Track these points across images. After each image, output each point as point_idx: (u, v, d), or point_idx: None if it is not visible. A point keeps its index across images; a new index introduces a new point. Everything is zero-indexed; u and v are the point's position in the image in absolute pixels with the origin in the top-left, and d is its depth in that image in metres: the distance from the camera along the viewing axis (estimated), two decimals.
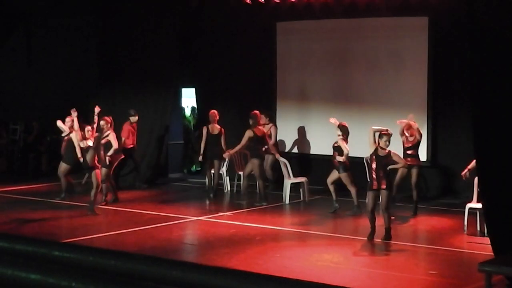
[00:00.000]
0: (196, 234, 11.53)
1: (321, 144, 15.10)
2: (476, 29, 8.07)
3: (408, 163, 11.99)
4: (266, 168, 13.99)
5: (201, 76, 16.65)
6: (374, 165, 10.45)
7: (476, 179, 10.66)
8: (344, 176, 12.25)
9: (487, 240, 8.58)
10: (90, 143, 12.46)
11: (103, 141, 12.63)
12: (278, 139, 15.42)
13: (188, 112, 18.43)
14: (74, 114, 13.19)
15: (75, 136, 12.96)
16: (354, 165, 12.54)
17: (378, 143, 10.52)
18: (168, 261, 6.85)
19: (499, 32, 7.86)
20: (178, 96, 17.42)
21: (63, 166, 13.25)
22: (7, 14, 17.56)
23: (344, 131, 12.30)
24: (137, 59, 16.35)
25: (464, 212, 11.04)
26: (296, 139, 15.55)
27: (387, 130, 10.66)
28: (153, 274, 6.36)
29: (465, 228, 10.91)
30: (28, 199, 13.46)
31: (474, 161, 9.45)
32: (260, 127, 13.42)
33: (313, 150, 15.31)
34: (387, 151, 10.50)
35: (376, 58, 14.56)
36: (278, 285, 6.15)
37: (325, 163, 14.67)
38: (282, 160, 13.88)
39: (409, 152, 12.39)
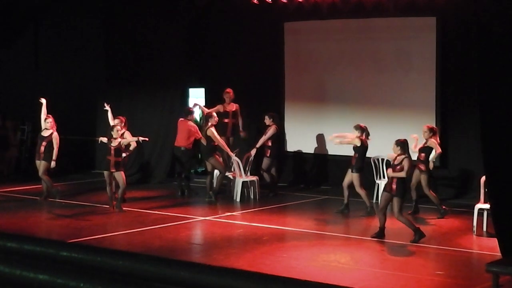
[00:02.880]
0: (203, 234, 11.53)
1: (327, 144, 15.10)
2: (484, 30, 8.05)
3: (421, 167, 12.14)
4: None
5: (208, 77, 16.66)
6: (388, 170, 10.69)
7: (483, 180, 10.69)
8: (355, 177, 12.24)
9: (494, 240, 8.56)
10: (115, 143, 12.51)
11: (121, 141, 12.67)
12: (286, 138, 15.47)
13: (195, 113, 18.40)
14: (108, 108, 13.50)
15: (57, 137, 13.09)
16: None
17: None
18: (176, 261, 6.87)
19: (507, 32, 7.85)
20: (186, 96, 17.43)
21: (45, 165, 13.15)
22: (15, 15, 17.61)
23: (362, 130, 12.38)
24: (144, 60, 16.39)
25: (472, 213, 11.03)
26: (304, 139, 15.52)
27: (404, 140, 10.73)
28: (161, 274, 6.38)
29: (474, 229, 10.88)
30: (36, 199, 13.48)
31: None
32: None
33: (320, 150, 15.28)
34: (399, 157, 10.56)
35: (384, 58, 14.53)
36: (286, 285, 6.16)
37: (333, 163, 14.71)
38: (235, 159, 13.84)
39: (420, 156, 12.31)
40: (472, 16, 12.29)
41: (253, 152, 14.13)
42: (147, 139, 13.16)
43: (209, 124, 13.59)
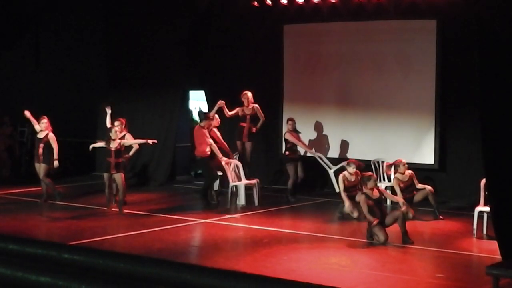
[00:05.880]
0: (203, 237, 11.54)
1: (326, 146, 15.13)
2: (485, 33, 8.07)
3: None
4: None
5: (208, 79, 16.68)
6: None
7: (483, 182, 10.71)
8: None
9: (494, 243, 8.57)
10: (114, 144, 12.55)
11: (121, 142, 12.73)
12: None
13: (195, 115, 18.46)
14: (109, 111, 13.45)
15: (53, 137, 13.07)
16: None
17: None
18: (177, 263, 6.88)
19: (508, 35, 7.86)
20: (186, 98, 17.45)
21: (45, 168, 13.10)
22: (16, 17, 17.63)
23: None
24: (145, 61, 16.41)
25: (472, 215, 11.04)
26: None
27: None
28: (162, 276, 6.39)
29: (475, 231, 10.90)
30: (36, 201, 13.49)
31: None
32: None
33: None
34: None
35: (384, 61, 14.55)
36: (286, 287, 6.16)
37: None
38: (236, 162, 13.73)
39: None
40: (473, 19, 12.33)
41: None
42: (155, 140, 13.15)
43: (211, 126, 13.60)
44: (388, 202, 12.67)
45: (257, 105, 14.39)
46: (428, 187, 12.30)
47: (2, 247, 6.78)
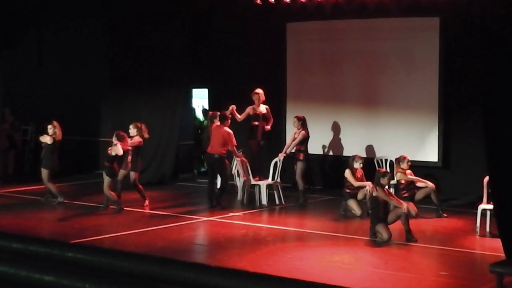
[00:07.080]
0: (206, 235, 11.55)
1: (330, 144, 15.12)
2: (487, 30, 8.06)
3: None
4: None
5: (211, 77, 16.68)
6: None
7: (486, 180, 10.69)
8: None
9: (498, 241, 8.57)
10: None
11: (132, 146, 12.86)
12: (287, 139, 15.44)
13: (198, 113, 18.46)
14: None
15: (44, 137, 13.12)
16: (364, 165, 12.54)
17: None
18: (181, 262, 6.87)
19: (510, 33, 7.85)
20: (189, 96, 17.45)
21: (44, 172, 13.08)
22: (18, 15, 17.65)
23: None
24: (147, 60, 16.41)
25: (475, 213, 11.04)
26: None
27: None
28: (165, 275, 6.38)
29: (478, 229, 10.89)
30: (38, 199, 13.51)
31: None
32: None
33: (323, 151, 15.28)
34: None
35: (386, 58, 14.54)
36: (289, 286, 6.15)
37: (336, 163, 14.72)
38: (244, 161, 13.58)
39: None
40: (475, 16, 12.34)
41: (282, 156, 13.58)
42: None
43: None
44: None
45: (267, 106, 14.29)
46: (430, 184, 12.27)
47: (6, 245, 6.78)
